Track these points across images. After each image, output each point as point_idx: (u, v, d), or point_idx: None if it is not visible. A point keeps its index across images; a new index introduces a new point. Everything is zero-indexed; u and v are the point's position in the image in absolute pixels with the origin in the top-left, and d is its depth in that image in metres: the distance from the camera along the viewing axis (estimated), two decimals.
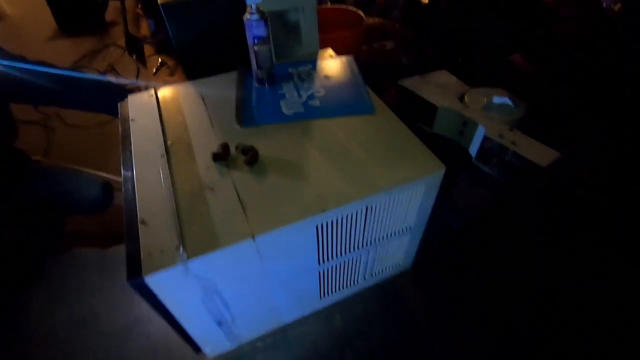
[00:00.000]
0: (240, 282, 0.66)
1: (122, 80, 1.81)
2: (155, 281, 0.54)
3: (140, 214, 0.61)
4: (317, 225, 0.64)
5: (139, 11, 2.09)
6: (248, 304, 0.73)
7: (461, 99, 1.16)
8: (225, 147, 0.70)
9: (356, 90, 0.87)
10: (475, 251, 1.05)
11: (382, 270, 0.93)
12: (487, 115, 1.03)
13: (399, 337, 0.91)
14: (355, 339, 0.91)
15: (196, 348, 0.77)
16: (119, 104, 0.87)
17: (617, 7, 1.38)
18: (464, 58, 1.42)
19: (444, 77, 1.30)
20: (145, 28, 2.02)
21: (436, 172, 0.69)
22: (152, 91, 0.88)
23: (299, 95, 0.86)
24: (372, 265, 0.87)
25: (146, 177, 0.68)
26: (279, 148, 0.73)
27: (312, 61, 0.99)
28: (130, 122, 0.80)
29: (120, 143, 0.77)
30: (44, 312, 1.00)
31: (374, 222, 0.72)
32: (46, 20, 2.39)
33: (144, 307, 0.99)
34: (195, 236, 0.57)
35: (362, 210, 0.66)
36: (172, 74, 1.71)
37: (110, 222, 1.20)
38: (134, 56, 1.81)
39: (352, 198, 0.63)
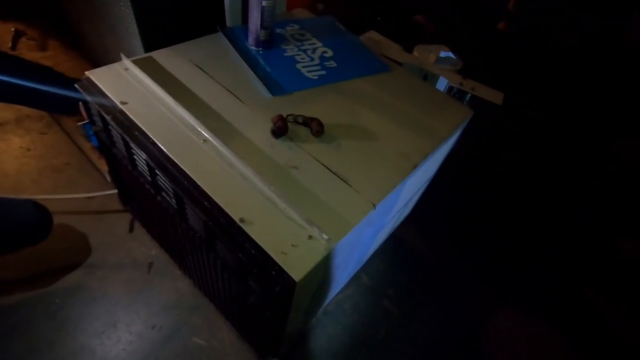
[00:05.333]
0: (342, 258, 0.61)
1: None
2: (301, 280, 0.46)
3: (232, 214, 0.49)
4: (406, 182, 0.63)
5: None
6: (335, 283, 0.68)
7: None
8: (283, 120, 0.61)
9: (362, 50, 0.86)
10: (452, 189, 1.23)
11: (397, 223, 0.99)
12: (440, 67, 1.16)
13: (419, 274, 1.01)
14: (387, 289, 0.96)
15: (271, 350, 0.69)
16: (76, 84, 0.62)
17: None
18: (382, 18, 1.53)
19: (377, 36, 1.38)
20: None
21: (469, 117, 0.76)
22: (124, 64, 0.66)
23: (311, 58, 0.79)
24: (399, 219, 0.91)
25: (204, 169, 0.53)
26: (329, 113, 0.67)
27: (295, 20, 0.90)
28: (121, 106, 0.59)
29: (124, 134, 0.57)
30: None
31: (424, 174, 0.76)
32: None
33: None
34: (321, 220, 0.50)
35: (429, 162, 0.69)
36: (43, 49, 1.25)
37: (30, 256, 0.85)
38: None
39: (429, 150, 0.65)
